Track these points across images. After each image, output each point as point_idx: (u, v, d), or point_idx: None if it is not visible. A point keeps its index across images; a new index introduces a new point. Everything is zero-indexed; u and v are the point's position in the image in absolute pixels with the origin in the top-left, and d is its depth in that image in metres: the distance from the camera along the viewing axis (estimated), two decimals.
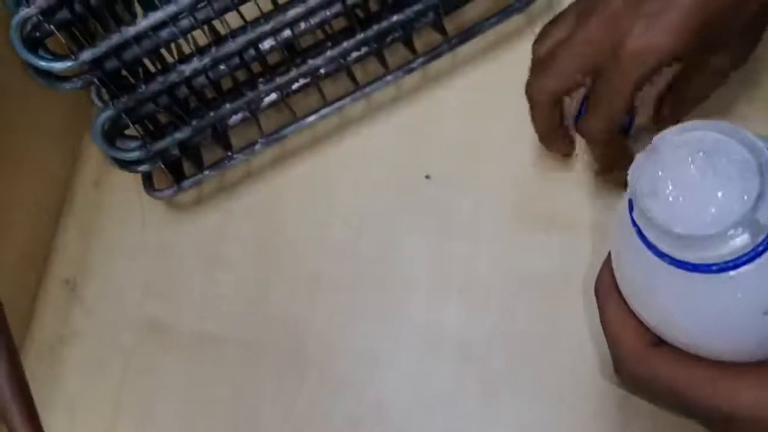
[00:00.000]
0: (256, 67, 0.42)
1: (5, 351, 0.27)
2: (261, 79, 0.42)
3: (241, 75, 0.43)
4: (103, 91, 0.39)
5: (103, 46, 0.36)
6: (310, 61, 0.42)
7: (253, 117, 0.44)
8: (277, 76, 0.42)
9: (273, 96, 0.43)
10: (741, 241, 0.22)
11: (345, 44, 0.42)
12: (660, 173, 0.22)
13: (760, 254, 0.22)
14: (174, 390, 0.43)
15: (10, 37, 0.35)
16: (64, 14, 0.36)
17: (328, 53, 0.42)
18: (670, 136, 0.23)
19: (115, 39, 0.36)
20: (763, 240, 0.22)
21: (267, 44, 0.41)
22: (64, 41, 0.37)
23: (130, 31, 0.36)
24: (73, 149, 0.48)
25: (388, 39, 0.43)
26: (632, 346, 0.30)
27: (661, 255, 0.24)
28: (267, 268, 0.44)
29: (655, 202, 0.22)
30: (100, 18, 0.37)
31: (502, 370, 0.40)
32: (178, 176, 0.44)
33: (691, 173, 0.22)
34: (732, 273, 0.23)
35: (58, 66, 0.36)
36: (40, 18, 0.35)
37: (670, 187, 0.22)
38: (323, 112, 0.44)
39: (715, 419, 0.28)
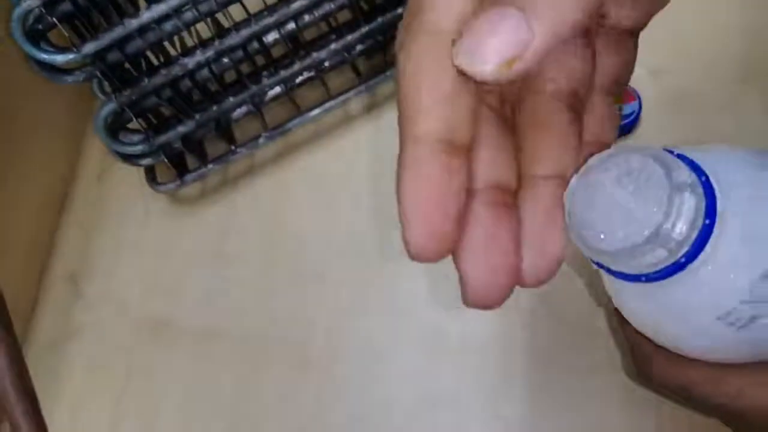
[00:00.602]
0: (260, 60, 0.42)
1: (7, 347, 0.27)
2: (265, 73, 0.42)
3: (244, 68, 0.43)
4: (106, 84, 0.39)
5: (105, 39, 0.36)
6: (315, 54, 0.41)
7: (256, 110, 0.43)
8: (281, 69, 0.42)
9: (277, 89, 0.43)
10: (659, 254, 0.23)
11: (349, 37, 0.41)
12: (587, 193, 0.24)
13: (683, 266, 0.23)
14: (177, 386, 0.42)
15: (12, 30, 0.35)
16: (66, 6, 0.36)
17: (333, 46, 0.41)
18: (599, 158, 0.24)
19: (117, 31, 0.36)
20: (686, 252, 0.23)
21: (271, 37, 0.41)
22: (66, 34, 0.36)
23: (133, 23, 0.36)
24: (76, 143, 0.48)
25: (393, 32, 0.43)
26: (637, 347, 0.30)
27: (600, 266, 0.25)
28: (270, 263, 0.44)
29: (578, 220, 0.24)
30: (102, 10, 0.37)
31: (505, 369, 0.40)
32: (181, 170, 0.44)
33: (614, 193, 0.24)
34: (663, 282, 0.24)
35: (61, 59, 0.36)
36: (42, 10, 0.35)
37: (595, 206, 0.24)
38: (327, 105, 0.44)
39: (721, 414, 0.28)
